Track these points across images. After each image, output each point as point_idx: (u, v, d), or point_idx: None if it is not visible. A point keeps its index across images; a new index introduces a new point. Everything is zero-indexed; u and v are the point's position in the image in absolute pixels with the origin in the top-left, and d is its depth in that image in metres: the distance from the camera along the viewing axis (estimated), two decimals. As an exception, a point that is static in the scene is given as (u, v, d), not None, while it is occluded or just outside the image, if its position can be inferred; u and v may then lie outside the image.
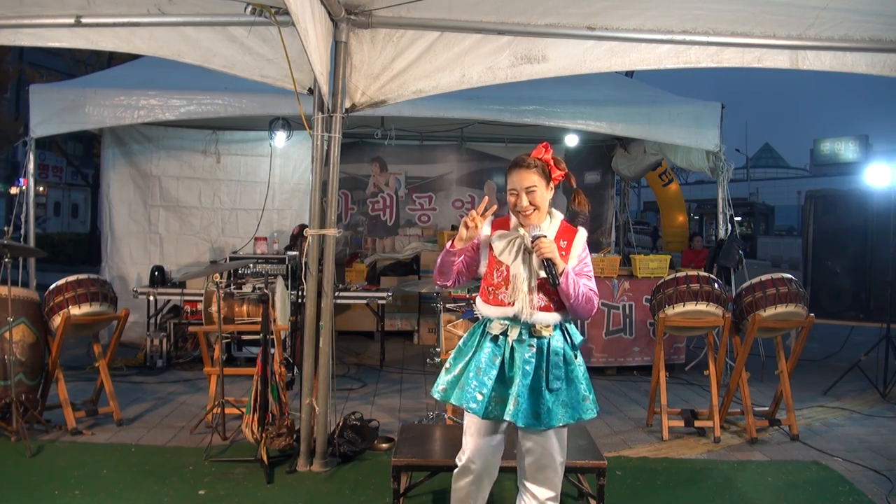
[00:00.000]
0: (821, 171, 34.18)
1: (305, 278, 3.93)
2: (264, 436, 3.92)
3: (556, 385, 2.52)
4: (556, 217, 2.68)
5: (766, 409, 4.88)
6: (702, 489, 3.75)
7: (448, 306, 4.73)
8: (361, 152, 8.74)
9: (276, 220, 7.50)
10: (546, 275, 2.49)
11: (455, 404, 2.60)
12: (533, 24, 3.92)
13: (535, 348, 2.55)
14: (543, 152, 2.63)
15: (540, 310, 2.55)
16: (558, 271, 2.48)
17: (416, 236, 8.81)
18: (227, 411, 4.35)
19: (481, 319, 2.69)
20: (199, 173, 7.36)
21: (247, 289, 5.73)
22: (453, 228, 8.17)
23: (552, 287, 2.51)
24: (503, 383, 2.55)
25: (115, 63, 11.97)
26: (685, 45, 3.99)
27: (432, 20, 3.89)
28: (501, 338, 2.58)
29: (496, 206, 2.66)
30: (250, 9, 3.55)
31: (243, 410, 4.26)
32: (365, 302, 6.92)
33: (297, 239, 6.52)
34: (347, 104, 3.97)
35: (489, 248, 2.68)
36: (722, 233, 6.33)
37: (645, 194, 30.79)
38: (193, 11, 3.93)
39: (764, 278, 4.62)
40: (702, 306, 4.55)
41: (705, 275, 4.70)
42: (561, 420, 2.51)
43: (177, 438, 4.42)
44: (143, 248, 7.24)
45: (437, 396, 2.67)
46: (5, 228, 5.38)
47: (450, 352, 2.77)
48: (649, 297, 5.27)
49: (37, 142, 5.87)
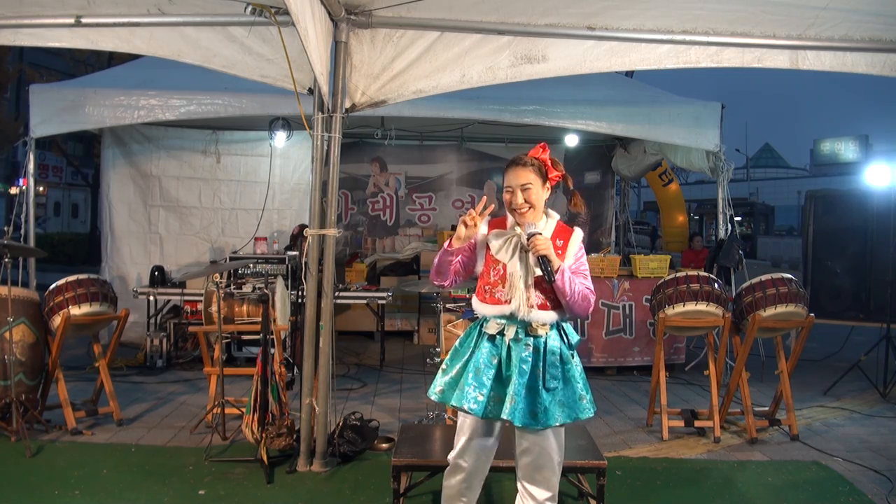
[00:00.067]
0: (821, 171, 34.19)
1: (305, 278, 3.93)
2: (264, 436, 3.92)
3: (552, 384, 2.52)
4: (553, 217, 2.69)
5: (766, 409, 4.88)
6: (702, 489, 3.75)
7: (448, 306, 4.73)
8: (361, 152, 8.73)
9: (276, 220, 7.50)
10: (542, 272, 2.50)
11: (455, 405, 2.59)
12: (533, 24, 3.92)
13: (532, 347, 2.55)
14: (541, 152, 2.65)
15: (537, 308, 2.55)
16: (554, 268, 2.48)
17: (416, 236, 8.81)
18: (227, 411, 4.35)
19: (478, 320, 2.69)
20: (199, 173, 7.36)
21: (247, 289, 5.73)
22: (453, 228, 8.11)
23: (548, 284, 2.51)
24: (500, 383, 2.55)
25: (115, 63, 11.97)
26: (685, 45, 3.99)
27: (432, 20, 3.89)
28: (498, 337, 2.58)
29: (494, 206, 2.65)
30: (250, 9, 3.55)
31: (243, 410, 4.26)
32: (365, 302, 6.92)
33: (297, 239, 6.52)
34: (347, 104, 3.97)
35: (486, 247, 2.68)
36: (722, 233, 6.33)
37: (645, 194, 30.80)
38: (193, 11, 3.93)
39: (764, 278, 4.62)
40: (702, 306, 4.56)
41: (705, 275, 4.70)
42: (558, 420, 2.51)
43: (177, 438, 4.42)
44: (143, 248, 7.24)
45: (435, 398, 2.66)
46: (5, 228, 5.38)
47: (449, 352, 2.77)
48: (649, 297, 5.27)
49: (37, 142, 5.87)
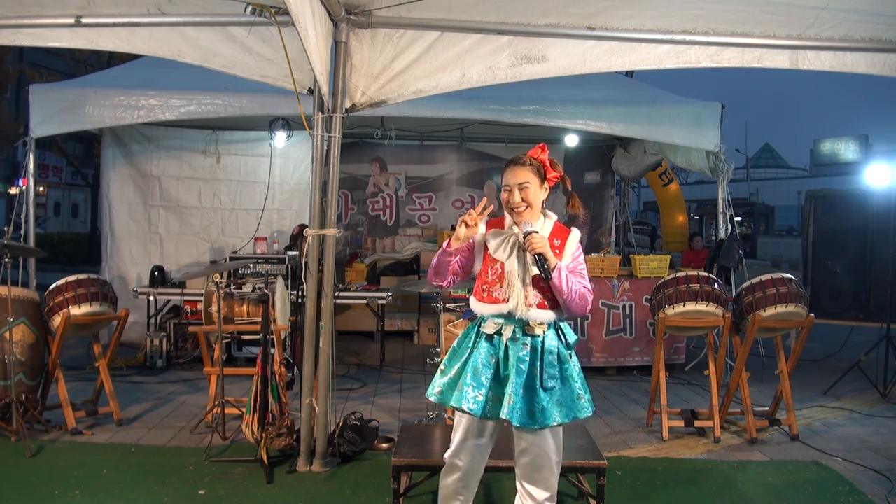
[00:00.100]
0: (821, 171, 34.20)
1: (305, 278, 3.93)
2: (264, 436, 3.92)
3: (550, 384, 2.53)
4: (551, 217, 2.70)
5: (766, 409, 4.88)
6: (702, 489, 3.75)
7: (448, 306, 4.73)
8: (361, 152, 8.73)
9: (276, 220, 7.50)
10: (538, 270, 2.51)
11: (454, 406, 2.60)
12: (533, 24, 3.92)
13: (529, 347, 2.56)
14: (540, 152, 2.67)
15: (535, 307, 2.56)
16: (550, 266, 2.50)
17: (416, 236, 8.81)
18: (227, 411, 4.35)
19: (475, 320, 2.70)
20: (199, 173, 7.36)
21: (247, 289, 5.73)
22: (453, 228, 8.11)
23: (544, 281, 2.53)
24: (499, 382, 2.56)
25: (115, 63, 11.97)
26: (685, 45, 3.99)
27: (432, 20, 3.88)
28: (496, 337, 2.60)
29: (494, 206, 2.66)
30: (250, 9, 3.55)
31: (243, 410, 4.26)
32: (365, 302, 6.92)
33: (297, 239, 6.52)
34: (347, 104, 3.97)
35: (484, 247, 2.69)
36: (722, 233, 6.33)
37: (645, 194, 30.79)
38: (193, 11, 3.93)
39: (764, 278, 4.62)
40: (702, 306, 4.56)
41: (705, 275, 4.70)
42: (556, 420, 2.52)
43: (177, 438, 4.42)
44: (143, 248, 7.24)
45: (434, 399, 2.67)
46: (5, 228, 5.39)
47: (447, 353, 2.77)
48: (649, 297, 5.27)
49: (37, 142, 5.87)
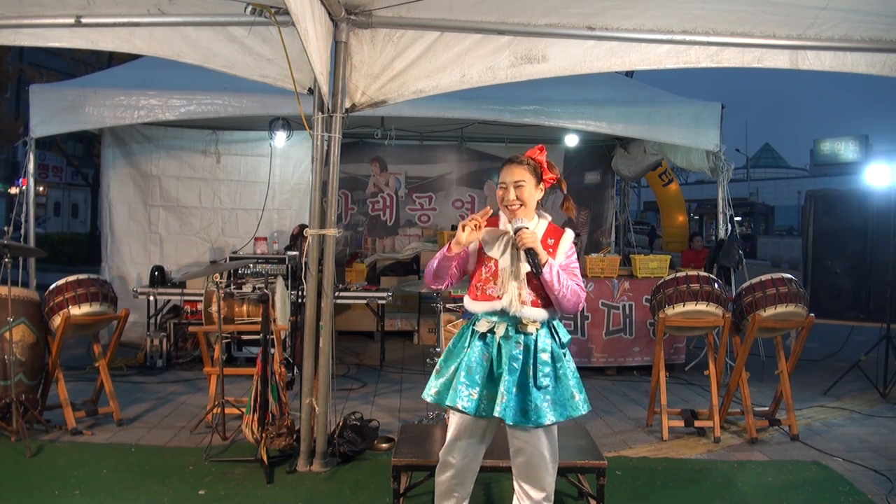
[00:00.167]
0: (821, 171, 34.23)
1: (305, 278, 3.93)
2: (264, 436, 3.92)
3: (544, 382, 2.54)
4: (545, 218, 2.74)
5: (766, 409, 4.88)
6: (702, 489, 3.75)
7: (448, 306, 4.73)
8: (361, 152, 8.73)
9: (276, 220, 7.50)
10: (530, 265, 2.54)
11: (448, 405, 2.62)
12: (533, 24, 3.92)
13: (523, 345, 2.58)
14: (538, 153, 2.72)
15: (529, 304, 2.58)
16: (541, 261, 2.52)
17: (416, 236, 8.81)
18: (227, 411, 4.35)
19: (470, 320, 2.73)
20: (199, 173, 7.36)
21: (247, 289, 5.73)
22: (453, 228, 8.16)
23: (535, 275, 2.55)
24: (492, 381, 2.59)
25: (115, 63, 11.97)
26: (685, 45, 3.99)
27: (432, 20, 3.89)
28: (489, 335, 2.62)
29: (494, 210, 2.72)
30: (250, 9, 3.55)
31: (243, 410, 4.26)
32: (365, 302, 6.92)
33: (297, 239, 6.52)
34: (347, 104, 3.97)
35: (478, 246, 2.72)
36: (722, 233, 6.33)
37: (645, 194, 30.81)
38: (193, 11, 3.93)
39: (764, 278, 4.61)
40: (702, 306, 4.55)
41: (705, 275, 4.70)
42: (549, 419, 2.53)
43: (177, 438, 4.42)
44: (143, 248, 7.24)
45: (430, 399, 2.69)
46: (5, 228, 5.39)
47: (443, 353, 2.79)
48: (649, 297, 5.27)
49: (37, 142, 5.87)
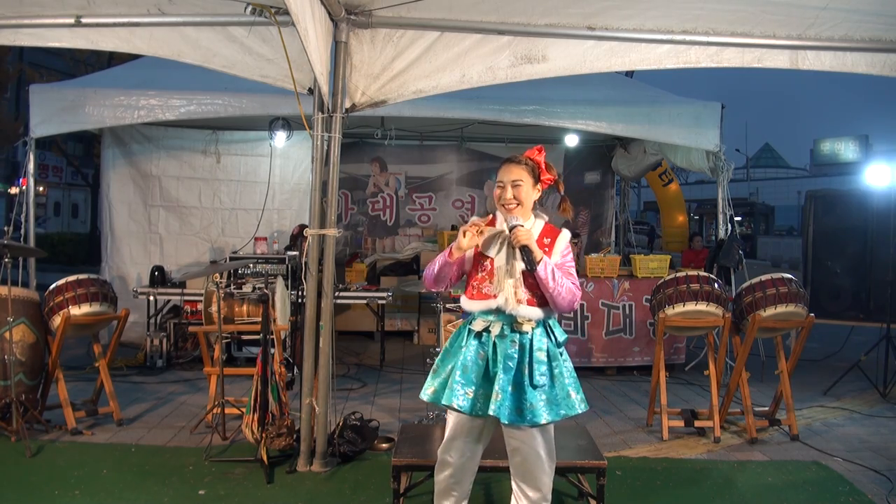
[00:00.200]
0: (821, 171, 34.22)
1: (305, 278, 3.93)
2: (264, 436, 3.92)
3: (539, 381, 2.54)
4: (542, 218, 2.76)
5: (766, 409, 4.88)
6: (702, 489, 3.75)
7: (448, 306, 4.73)
8: (361, 152, 8.73)
9: (276, 220, 7.50)
10: (524, 263, 2.54)
11: (444, 404, 2.63)
12: (533, 24, 3.92)
13: (518, 344, 2.59)
14: (537, 154, 2.73)
15: (525, 303, 2.59)
16: (535, 258, 2.53)
17: (416, 236, 8.81)
18: (227, 411, 4.35)
19: (466, 320, 2.73)
20: (199, 173, 7.36)
21: (247, 289, 5.73)
22: (453, 228, 8.17)
23: (529, 272, 2.56)
24: (488, 380, 2.59)
25: (115, 63, 11.97)
26: (685, 45, 3.99)
27: (432, 20, 3.88)
28: (485, 334, 2.63)
29: (492, 218, 2.77)
30: (250, 9, 3.55)
31: (243, 410, 4.26)
32: (365, 302, 6.92)
33: (297, 239, 6.52)
34: (347, 104, 3.97)
35: (475, 246, 2.73)
36: (722, 233, 6.33)
37: (645, 194, 30.82)
38: (193, 11, 3.93)
39: (764, 278, 4.61)
40: (702, 306, 4.55)
41: (705, 275, 4.70)
42: (545, 418, 2.53)
43: (177, 438, 4.42)
44: (143, 248, 7.23)
45: (427, 399, 2.70)
46: (5, 228, 5.39)
47: (440, 353, 2.80)
48: (649, 297, 5.27)
49: (37, 142, 5.86)
